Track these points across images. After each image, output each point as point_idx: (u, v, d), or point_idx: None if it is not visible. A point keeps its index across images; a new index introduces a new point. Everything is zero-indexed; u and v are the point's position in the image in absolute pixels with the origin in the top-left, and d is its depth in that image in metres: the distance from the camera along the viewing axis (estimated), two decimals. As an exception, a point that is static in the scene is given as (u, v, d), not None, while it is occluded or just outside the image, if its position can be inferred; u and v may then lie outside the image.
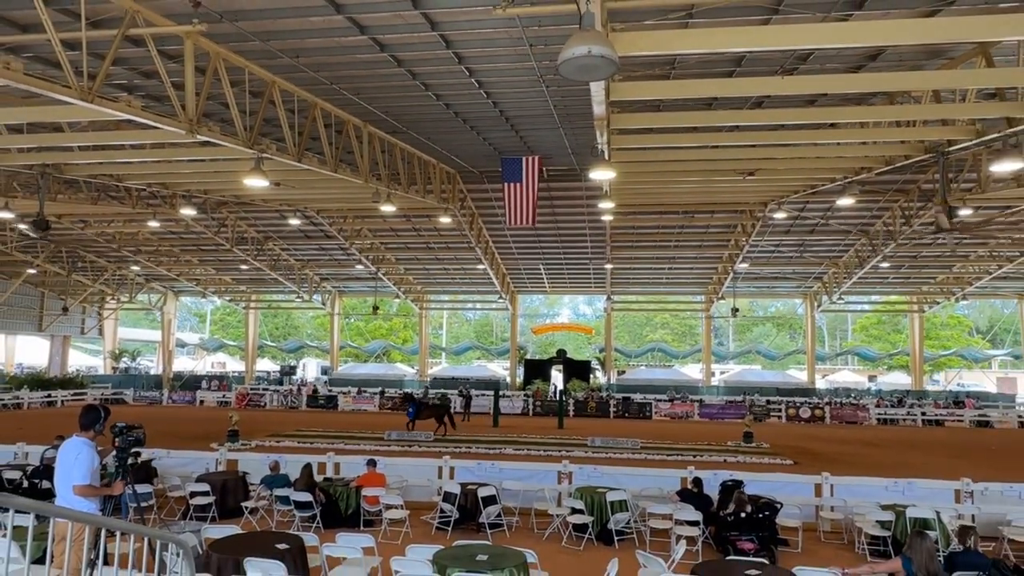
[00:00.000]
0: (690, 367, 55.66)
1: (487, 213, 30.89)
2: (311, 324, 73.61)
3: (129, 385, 42.49)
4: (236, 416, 20.86)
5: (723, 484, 11.41)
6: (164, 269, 40.63)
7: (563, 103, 17.79)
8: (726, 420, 33.02)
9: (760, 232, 29.92)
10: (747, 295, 48.89)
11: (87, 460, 5.82)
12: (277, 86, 15.09)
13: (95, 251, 38.29)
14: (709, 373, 46.45)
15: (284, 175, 20.89)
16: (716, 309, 45.07)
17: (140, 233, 34.01)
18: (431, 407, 25.31)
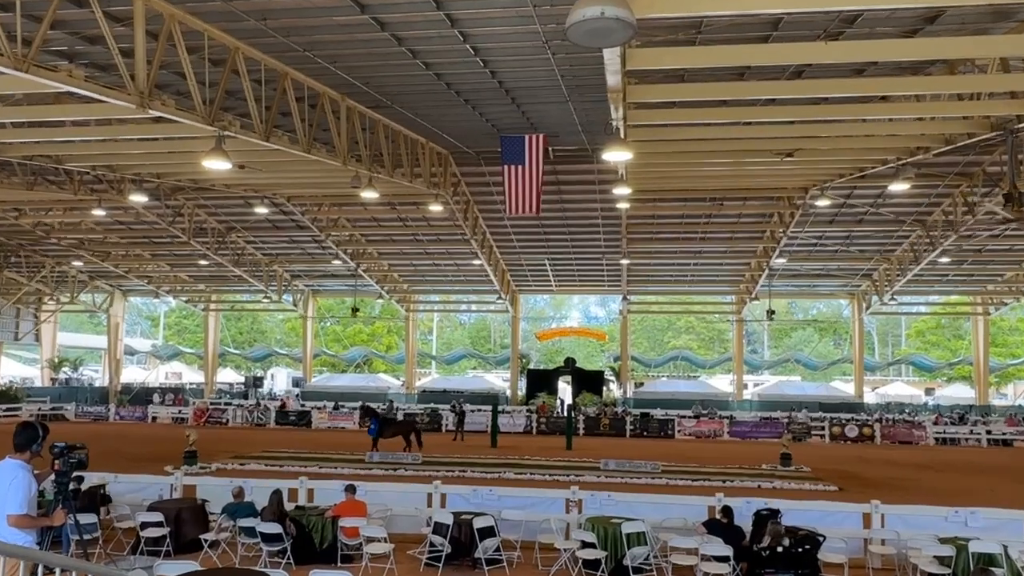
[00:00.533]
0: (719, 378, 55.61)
1: (484, 200, 30.88)
2: (280, 329, 73.66)
3: (70, 399, 42.52)
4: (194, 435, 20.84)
5: (757, 514, 11.39)
6: (111, 265, 40.67)
7: (572, 72, 17.77)
8: (760, 440, 33.00)
9: (800, 222, 29.91)
10: (785, 295, 48.96)
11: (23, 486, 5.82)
12: (241, 53, 15.10)
13: (31, 244, 38.31)
14: (741, 385, 46.46)
15: (249, 156, 20.89)
16: (749, 311, 45.07)
17: (83, 223, 34.04)
18: (396, 423, 25.29)
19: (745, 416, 38.47)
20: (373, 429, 23.85)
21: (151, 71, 13.32)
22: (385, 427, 24.12)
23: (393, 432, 24.22)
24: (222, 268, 39.18)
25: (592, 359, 67.20)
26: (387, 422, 24.68)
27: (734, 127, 19.25)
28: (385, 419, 24.87)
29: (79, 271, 43.32)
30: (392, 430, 24.32)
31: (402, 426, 24.92)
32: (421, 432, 24.77)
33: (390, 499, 12.81)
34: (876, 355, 65.83)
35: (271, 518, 10.72)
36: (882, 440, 33.37)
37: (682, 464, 22.79)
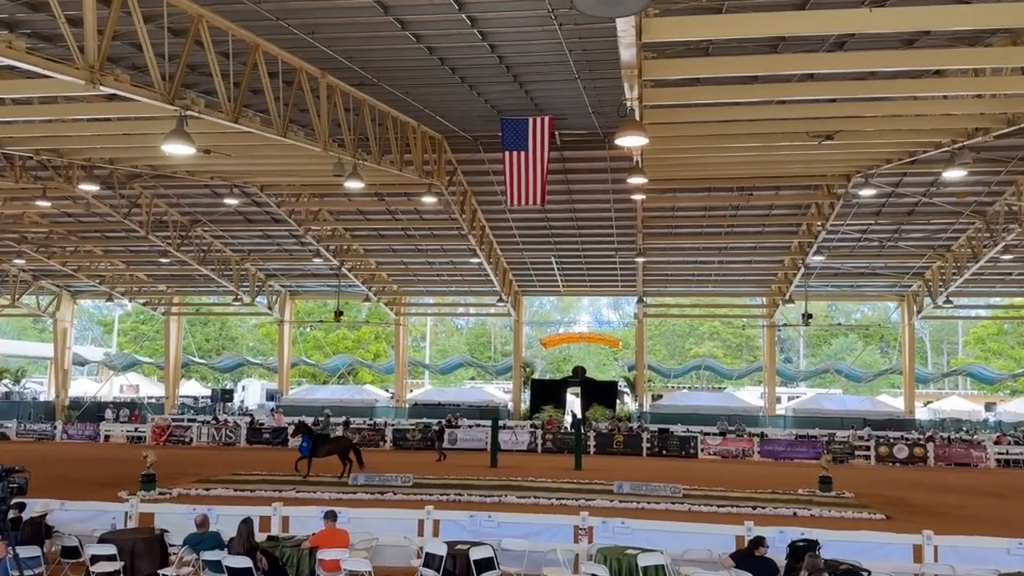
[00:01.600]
0: (748, 391, 55.52)
1: (483, 191, 30.89)
2: (253, 335, 73.76)
3: (11, 415, 42.57)
4: (152, 456, 20.81)
5: (792, 545, 11.38)
6: (57, 263, 40.70)
7: (581, 47, 17.76)
8: (796, 461, 32.99)
9: (841, 214, 29.90)
10: (823, 297, 48.90)
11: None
12: (205, 21, 15.09)
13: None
14: (773, 399, 46.42)
15: (216, 139, 20.92)
16: (782, 315, 45.01)
17: (26, 215, 34.06)
18: (332, 441, 25.44)
19: (778, 434, 38.39)
20: (305, 448, 23.98)
21: (102, 42, 13.31)
22: (319, 445, 24.25)
23: (328, 451, 24.35)
24: (185, 267, 39.19)
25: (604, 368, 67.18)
26: (321, 439, 24.73)
27: (766, 107, 19.24)
28: (319, 436, 24.90)
29: (21, 270, 43.34)
30: (327, 448, 24.45)
31: (338, 444, 25.07)
32: (360, 451, 25.00)
33: (376, 527, 12.79)
34: (929, 365, 65.81)
35: (240, 550, 10.68)
36: (936, 462, 33.30)
37: (706, 488, 22.75)
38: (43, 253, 39.27)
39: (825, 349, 70.82)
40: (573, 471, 26.98)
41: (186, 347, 54.21)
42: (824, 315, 66.14)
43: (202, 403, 51.52)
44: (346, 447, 24.64)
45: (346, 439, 26.17)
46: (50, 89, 15.85)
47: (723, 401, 46.35)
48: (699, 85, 17.49)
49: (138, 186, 30.73)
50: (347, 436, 27.80)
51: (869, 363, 61.55)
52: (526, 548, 11.79)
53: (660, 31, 13.11)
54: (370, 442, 35.76)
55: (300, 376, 59.61)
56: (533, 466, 28.31)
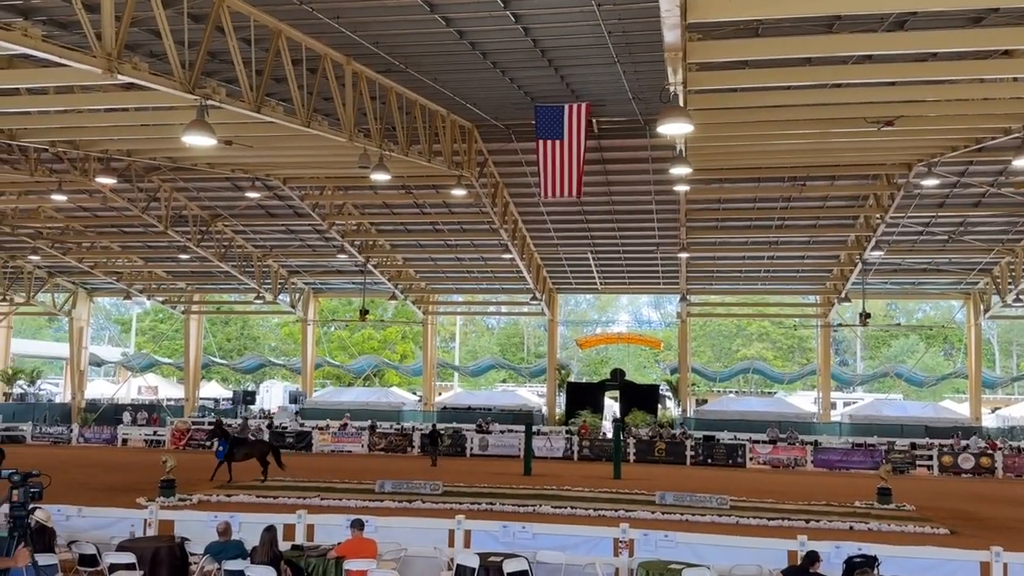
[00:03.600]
0: (800, 396, 55.07)
1: (516, 182, 30.92)
2: (276, 335, 74.57)
3: (26, 417, 43.44)
4: (172, 461, 21.13)
5: (849, 561, 11.28)
6: (73, 259, 41.45)
7: (621, 28, 17.69)
8: (852, 471, 32.68)
9: (902, 206, 29.50)
10: (882, 295, 48.24)
11: (-21, 521, 5.95)
12: (226, 6, 15.27)
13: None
14: (828, 404, 45.97)
15: (238, 130, 21.15)
16: (837, 315, 44.52)
17: (41, 210, 34.75)
18: (249, 444, 25.99)
19: (833, 442, 38.08)
20: (221, 452, 24.46)
21: (120, 29, 13.53)
22: (236, 448, 24.79)
23: (245, 454, 25.00)
24: (206, 263, 39.71)
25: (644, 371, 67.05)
26: (238, 443, 25.37)
27: (820, 90, 19.05)
28: (236, 439, 25.59)
29: (36, 266, 44.23)
30: (244, 452, 25.07)
31: (256, 447, 25.70)
32: (280, 453, 25.70)
33: (405, 537, 12.87)
34: (997, 368, 64.64)
35: (263, 560, 10.81)
36: (1005, 473, 32.82)
37: (756, 499, 22.62)
38: (59, 249, 40.00)
39: (884, 351, 69.90)
40: (612, 480, 26.96)
41: (206, 347, 54.93)
42: (883, 314, 65.35)
43: (223, 405, 52.22)
44: (264, 450, 25.42)
45: (264, 442, 26.98)
46: (66, 78, 16.14)
47: (773, 407, 46.01)
48: (748, 68, 17.32)
49: (157, 179, 31.18)
50: (264, 440, 28.47)
51: (932, 366, 60.56)
52: (563, 561, 11.79)
53: (707, 10, 13.00)
54: (397, 447, 36.04)
55: (324, 378, 60.19)
56: (569, 474, 28.32)
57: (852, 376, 57.18)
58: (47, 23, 16.80)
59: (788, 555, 11.85)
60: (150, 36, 16.88)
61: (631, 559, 11.99)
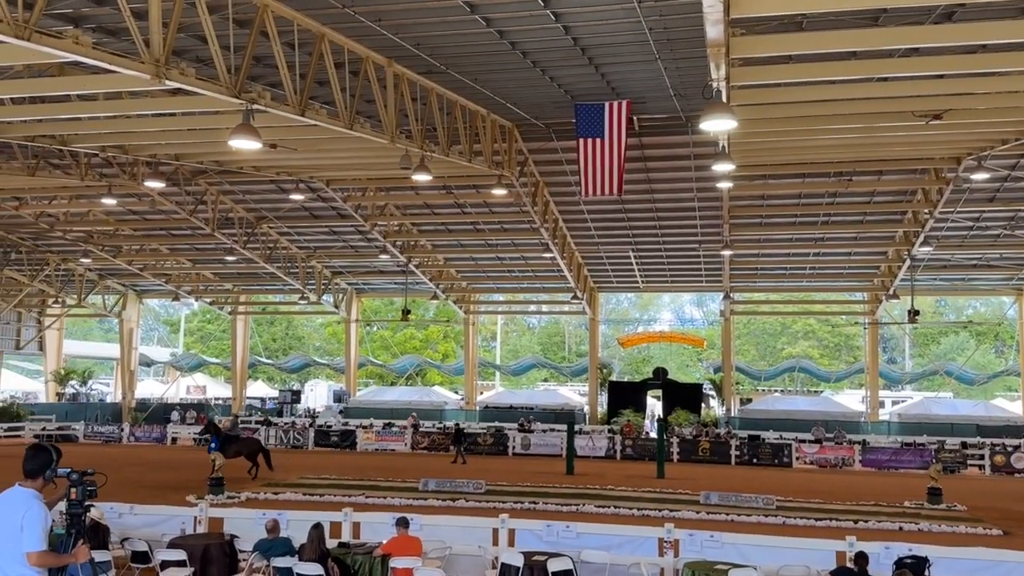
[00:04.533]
0: (847, 394, 54.26)
1: (556, 181, 30.90)
2: (320, 334, 75.39)
3: (78, 416, 44.36)
4: (220, 459, 21.51)
5: (898, 562, 11.09)
6: (123, 262, 42.31)
7: (662, 24, 17.61)
8: (901, 470, 32.19)
9: (951, 201, 28.97)
10: (932, 292, 47.38)
11: (38, 519, 6.09)
12: (270, 11, 15.47)
13: (33, 238, 40.17)
14: (876, 403, 45.31)
15: (282, 133, 21.43)
16: (885, 312, 43.85)
17: (91, 213, 35.52)
18: (240, 441, 26.26)
19: (882, 441, 37.55)
20: (213, 447, 24.76)
21: (167, 35, 13.77)
22: (227, 446, 25.03)
23: (236, 452, 25.25)
24: (252, 264, 40.28)
25: (687, 370, 66.53)
26: (229, 440, 25.61)
27: (866, 84, 18.80)
28: (227, 437, 25.82)
29: (87, 269, 45.18)
30: (234, 449, 25.33)
31: (246, 445, 25.99)
32: (269, 453, 25.99)
33: (449, 535, 12.93)
34: (1050, 365, 63.06)
35: (311, 557, 10.93)
36: (1059, 473, 32.05)
37: (802, 499, 22.39)
38: (109, 252, 40.85)
39: (933, 349, 68.65)
40: (655, 480, 26.84)
41: (252, 347, 55.73)
42: (932, 311, 64.18)
43: (269, 404, 52.89)
44: (254, 448, 25.72)
45: (254, 440, 27.31)
46: (115, 85, 16.46)
47: (820, 406, 45.44)
48: (792, 63, 17.15)
49: (203, 182, 31.71)
50: (254, 438, 28.83)
51: (982, 364, 59.33)
52: (607, 561, 11.76)
53: (750, 5, 12.90)
54: (440, 446, 36.21)
55: (367, 377, 60.65)
56: (612, 473, 28.25)
57: (901, 374, 56.27)
58: (96, 30, 17.18)
59: (836, 556, 11.70)
60: (196, 42, 17.17)
61: (676, 559, 11.92)
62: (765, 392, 53.29)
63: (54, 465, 6.35)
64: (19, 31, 12.18)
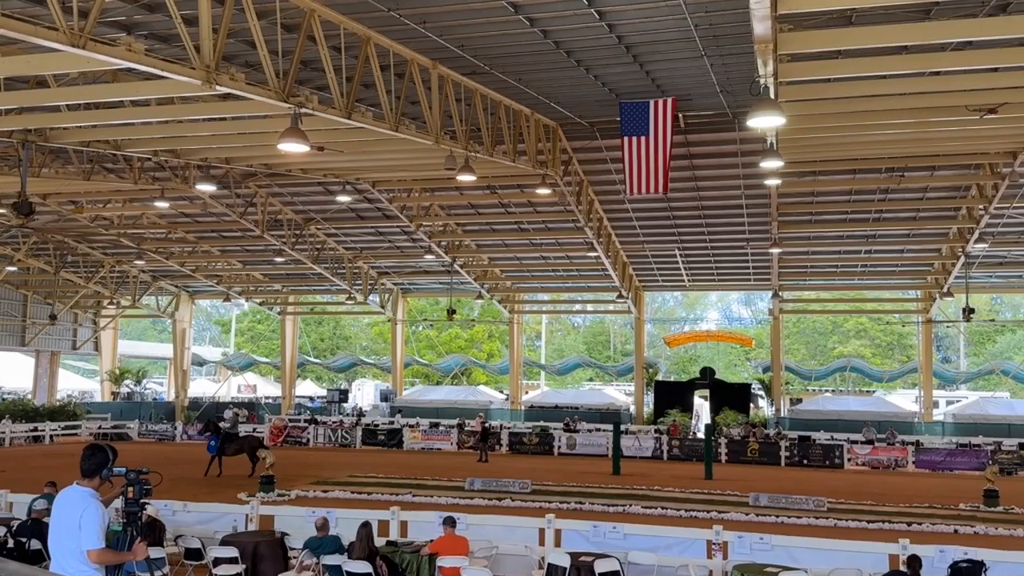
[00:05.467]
0: (900, 394, 53.33)
1: (601, 180, 30.83)
2: (366, 334, 76.13)
3: (133, 415, 45.34)
4: (271, 457, 21.80)
5: (954, 566, 10.92)
6: (176, 263, 43.16)
7: (708, 21, 17.48)
8: (956, 472, 31.56)
9: (1007, 196, 28.35)
10: (987, 289, 46.35)
11: (96, 518, 6.27)
12: (317, 16, 15.67)
13: (89, 241, 41.16)
14: (930, 403, 44.45)
15: (329, 136, 21.67)
16: (939, 310, 43.02)
17: (145, 216, 36.31)
18: (240, 439, 26.52)
19: (936, 442, 36.88)
20: (213, 446, 25.03)
21: (218, 40, 14.01)
22: (227, 443, 25.43)
23: (236, 449, 25.65)
24: (300, 265, 40.82)
25: (735, 369, 65.89)
26: (229, 438, 25.98)
27: (918, 79, 18.48)
28: (227, 435, 26.17)
29: (141, 271, 46.16)
30: (235, 447, 25.74)
31: (246, 442, 26.25)
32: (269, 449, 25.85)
33: (495, 534, 12.98)
34: (1112, 365, 61.32)
35: (360, 555, 11.05)
36: (1122, 475, 31.15)
37: (854, 501, 22.09)
38: (162, 254, 41.72)
39: (989, 347, 67.12)
40: (703, 480, 26.65)
41: (301, 347, 56.45)
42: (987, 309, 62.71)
43: (317, 403, 53.55)
44: (255, 446, 25.95)
45: (254, 438, 27.66)
46: (167, 90, 16.78)
47: (872, 406, 44.76)
48: (841, 58, 16.90)
49: (253, 185, 32.22)
50: (254, 435, 29.21)
51: (1041, 363, 57.90)
52: (655, 562, 11.71)
53: (798, 1, 12.75)
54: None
55: (413, 376, 61.12)
56: (659, 474, 28.10)
57: (955, 374, 55.14)
58: (148, 37, 17.54)
59: (889, 559, 11.52)
60: (245, 47, 17.46)
61: (725, 562, 11.83)
62: (815, 392, 52.64)
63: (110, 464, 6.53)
64: (74, 39, 12.48)
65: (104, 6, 13.17)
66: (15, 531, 12.23)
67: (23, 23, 12.45)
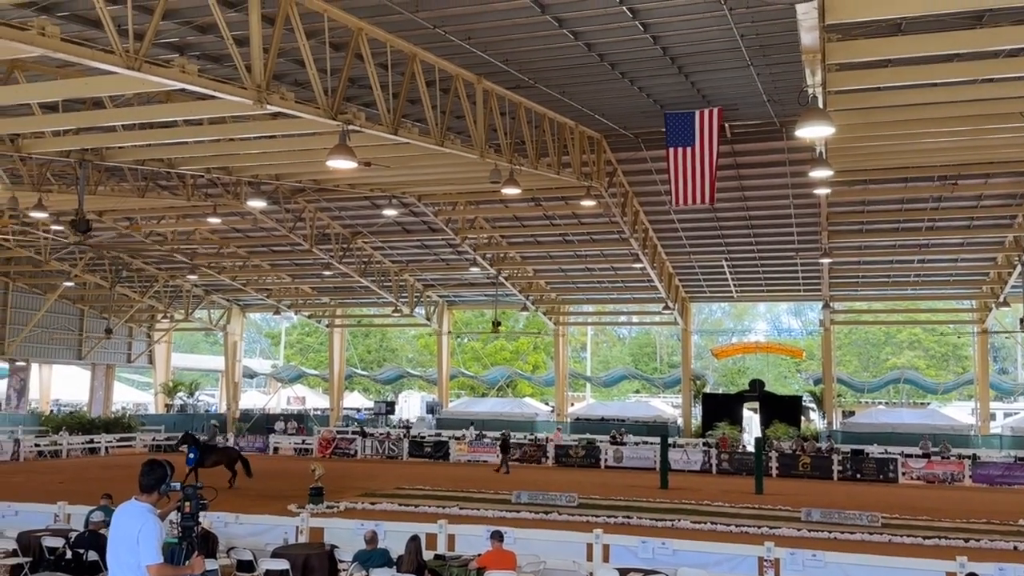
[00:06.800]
0: (956, 407, 52.18)
1: (646, 191, 30.74)
2: (412, 346, 76.61)
3: (186, 427, 45.97)
4: (320, 469, 22.01)
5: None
6: (227, 277, 43.92)
7: (754, 30, 17.38)
8: (1015, 487, 30.72)
9: (1065, 203, 27.72)
10: (1045, 298, 45.20)
11: (154, 533, 6.40)
12: (364, 34, 15.89)
13: (143, 256, 42.08)
14: (987, 416, 43.45)
15: (376, 152, 21.94)
16: (995, 320, 42.05)
17: (197, 231, 37.04)
18: (219, 451, 26.61)
19: (993, 456, 36.03)
20: (192, 459, 24.85)
21: (268, 60, 14.28)
22: (206, 456, 25.33)
23: (214, 461, 25.64)
24: (347, 279, 41.31)
25: (785, 381, 64.99)
26: (208, 450, 25.97)
27: (969, 86, 18.12)
28: (206, 447, 26.22)
29: (194, 285, 47.08)
30: (213, 459, 25.72)
31: (224, 454, 26.34)
32: (248, 461, 26.25)
33: (543, 549, 12.93)
34: None
35: (409, 569, 11.11)
36: None
37: (909, 516, 21.66)
38: (214, 268, 42.52)
39: (1049, 358, 65.41)
40: (754, 495, 26.27)
41: (348, 359, 57.00)
42: (1046, 319, 61.10)
43: (363, 415, 53.97)
44: (233, 457, 26.13)
45: (233, 449, 27.87)
46: (219, 110, 17.12)
47: (927, 418, 43.87)
48: (891, 66, 16.67)
49: (302, 200, 32.72)
50: (234, 447, 29.37)
51: (1103, 374, 56.27)
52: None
53: (846, 11, 12.59)
54: (531, 458, 36.27)
55: (459, 388, 61.29)
56: (708, 488, 27.79)
57: (1013, 385, 53.82)
58: (201, 58, 17.95)
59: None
60: (294, 66, 17.79)
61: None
62: (868, 404, 51.78)
63: (169, 480, 6.67)
64: (130, 62, 12.81)
65: (158, 28, 13.50)
66: (73, 542, 12.52)
67: (81, 47, 12.82)
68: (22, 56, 14.88)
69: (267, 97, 14.38)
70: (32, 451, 35.59)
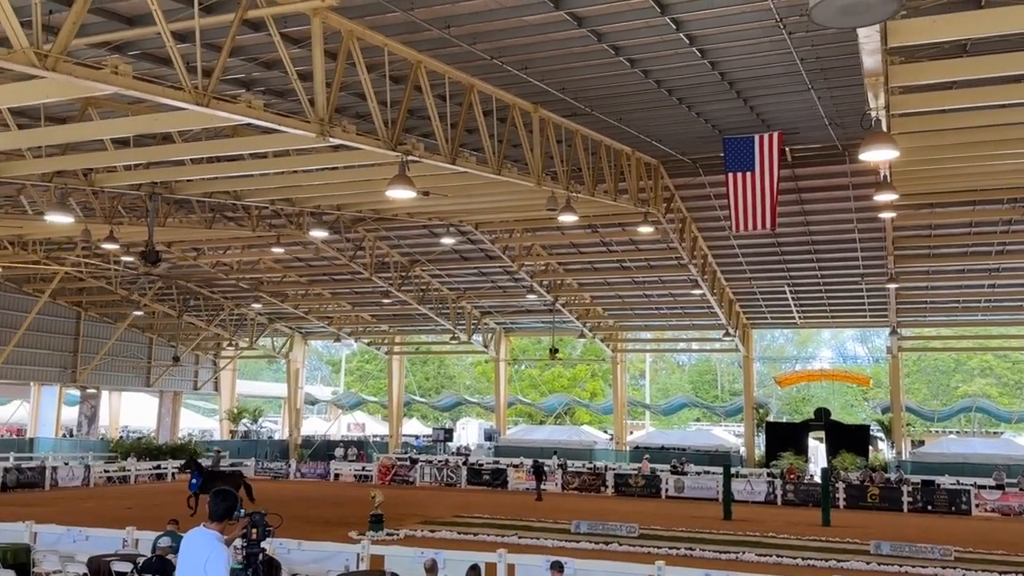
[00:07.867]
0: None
1: (704, 216, 30.52)
2: (470, 373, 76.86)
3: (250, 453, 46.83)
4: (380, 496, 22.13)
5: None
6: (290, 306, 44.72)
7: (814, 54, 17.23)
8: (1098, 521, 29.50)
9: None
10: (1126, 323, 43.51)
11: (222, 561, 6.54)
12: (423, 66, 16.16)
13: (210, 286, 43.12)
14: (1064, 446, 41.76)
15: (434, 181, 22.21)
16: (1072, 346, 40.63)
17: (261, 261, 37.87)
18: (223, 476, 26.35)
19: (1073, 488, 34.51)
20: (195, 484, 24.68)
21: (331, 94, 14.62)
22: (209, 481, 24.89)
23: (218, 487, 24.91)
24: (406, 306, 41.74)
25: (852, 410, 63.57)
26: (212, 476, 25.67)
27: (1039, 106, 17.62)
28: (210, 473, 26.06)
29: (258, 313, 48.05)
30: (217, 484, 25.00)
31: (229, 479, 25.90)
32: (251, 487, 25.87)
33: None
34: None
35: (468, 599, 11.09)
36: None
37: (984, 550, 20.96)
38: (277, 296, 43.37)
39: None
40: (820, 527, 25.68)
41: (407, 386, 57.42)
42: None
43: (421, 442, 54.21)
44: (236, 483, 25.64)
45: (237, 474, 27.81)
46: (284, 143, 17.53)
47: (1000, 448, 42.41)
48: (956, 88, 16.34)
49: (362, 229, 33.27)
50: (238, 471, 29.42)
51: None
52: (770, 612, 11.35)
53: (910, 34, 12.37)
54: (590, 487, 35.95)
55: (516, 415, 61.22)
56: (773, 520, 27.22)
57: (1092, 414, 51.78)
58: (265, 92, 18.43)
59: (1026, 616, 10.84)
60: (355, 99, 18.15)
61: (845, 613, 11.38)
62: (939, 434, 50.25)
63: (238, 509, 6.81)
64: (199, 98, 13.21)
65: (225, 65, 13.91)
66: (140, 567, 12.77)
67: (152, 84, 13.26)
68: (96, 94, 15.45)
69: (330, 130, 14.70)
70: (102, 477, 36.42)
